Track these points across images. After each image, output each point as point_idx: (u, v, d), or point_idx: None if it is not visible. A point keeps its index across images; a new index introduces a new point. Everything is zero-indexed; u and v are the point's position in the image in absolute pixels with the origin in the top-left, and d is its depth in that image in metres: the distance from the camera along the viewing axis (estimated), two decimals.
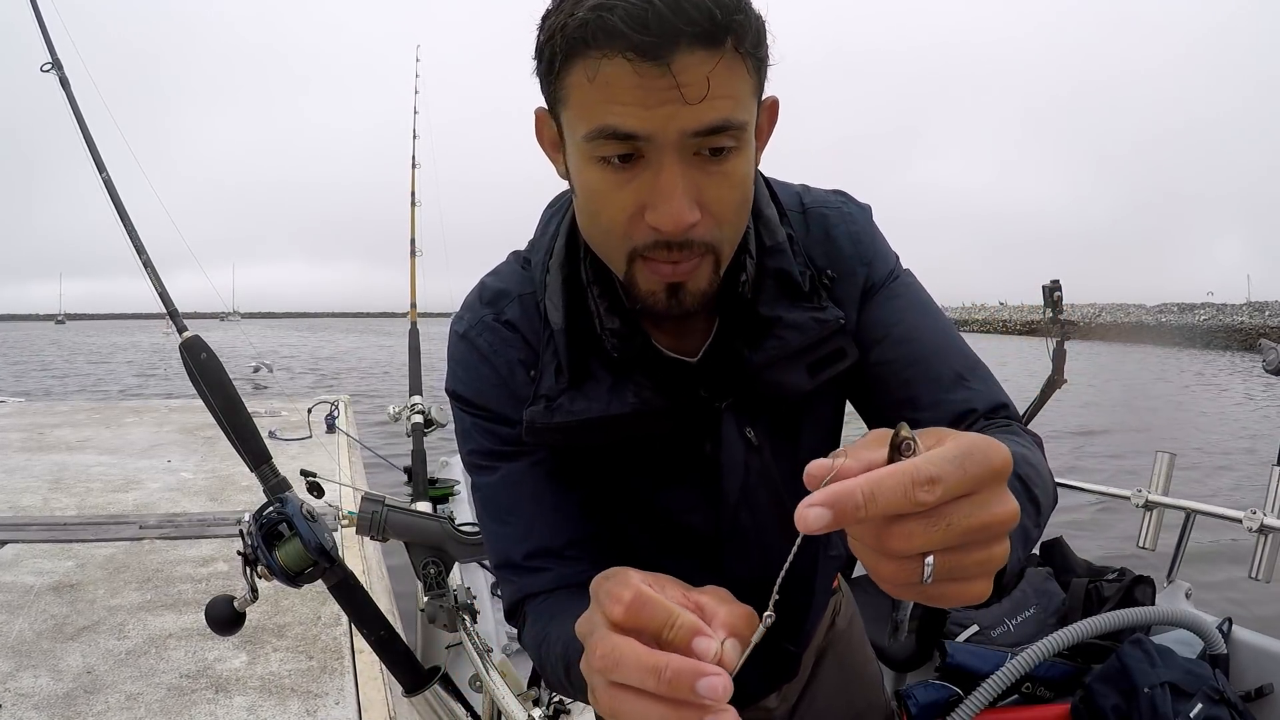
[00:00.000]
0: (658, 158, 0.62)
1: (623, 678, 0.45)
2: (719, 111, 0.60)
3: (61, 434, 7.13)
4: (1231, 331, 48.07)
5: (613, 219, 0.66)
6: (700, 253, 0.66)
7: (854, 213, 0.84)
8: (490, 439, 0.82)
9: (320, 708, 2.29)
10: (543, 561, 0.80)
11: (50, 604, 3.05)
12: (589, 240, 0.73)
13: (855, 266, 0.82)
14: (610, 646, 0.46)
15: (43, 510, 4.47)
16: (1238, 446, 10.73)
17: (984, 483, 0.41)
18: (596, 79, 0.60)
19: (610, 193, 0.64)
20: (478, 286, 0.86)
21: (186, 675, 2.47)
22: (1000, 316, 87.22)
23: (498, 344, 0.81)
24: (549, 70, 0.64)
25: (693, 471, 0.81)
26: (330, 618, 2.91)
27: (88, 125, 1.72)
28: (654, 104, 0.59)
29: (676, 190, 0.62)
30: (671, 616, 0.46)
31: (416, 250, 3.84)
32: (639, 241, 0.66)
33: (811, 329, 0.76)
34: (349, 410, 8.33)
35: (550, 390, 0.76)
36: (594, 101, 0.61)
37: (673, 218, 0.62)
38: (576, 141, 0.65)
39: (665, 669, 0.44)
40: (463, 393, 0.83)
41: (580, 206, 0.71)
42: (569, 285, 0.77)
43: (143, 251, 1.65)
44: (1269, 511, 1.78)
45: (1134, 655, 1.68)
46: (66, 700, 2.32)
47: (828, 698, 1.08)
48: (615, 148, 0.62)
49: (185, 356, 1.39)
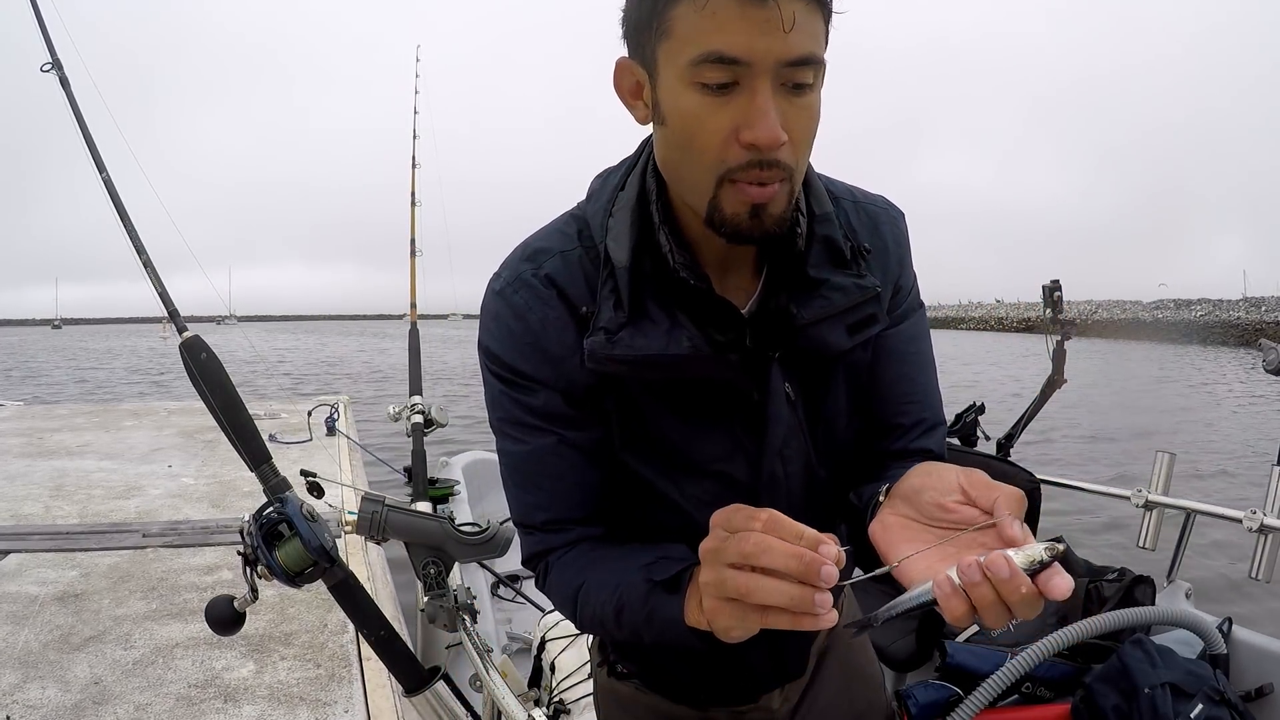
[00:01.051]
0: (752, 83, 0.69)
1: (770, 561, 0.61)
2: (806, 46, 0.69)
3: (61, 438, 7.12)
4: (1228, 327, 48.12)
5: (707, 142, 0.72)
6: (781, 176, 0.73)
7: (897, 218, 0.93)
8: (518, 408, 0.86)
9: (330, 716, 2.29)
10: (563, 525, 0.88)
11: (55, 614, 3.05)
12: (674, 171, 0.79)
13: (891, 263, 0.90)
14: (762, 538, 0.62)
15: (45, 518, 4.46)
16: (1237, 447, 10.74)
17: None
18: (705, 9, 0.68)
19: (707, 116, 0.71)
20: (520, 245, 0.89)
21: (195, 685, 2.47)
22: (997, 314, 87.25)
23: (533, 301, 0.84)
24: (654, 6, 0.72)
25: (735, 420, 0.86)
26: (336, 625, 2.92)
27: (88, 126, 1.72)
28: (756, 32, 0.67)
29: (771, 110, 0.69)
30: (801, 529, 0.62)
31: (416, 250, 3.83)
32: (732, 163, 0.72)
33: (854, 292, 0.83)
34: (348, 412, 8.32)
35: (609, 323, 0.80)
36: (702, 29, 0.69)
37: (769, 133, 0.69)
38: (679, 69, 0.71)
39: (804, 554, 0.60)
40: (494, 349, 0.86)
41: (670, 137, 0.76)
42: (636, 227, 0.82)
43: (143, 252, 1.64)
44: (1269, 511, 1.79)
45: (1135, 655, 1.69)
46: (75, 711, 2.32)
47: (829, 698, 1.09)
48: (718, 73, 0.69)
49: (185, 356, 1.39)
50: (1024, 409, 2.73)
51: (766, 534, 0.62)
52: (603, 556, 0.86)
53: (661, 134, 0.78)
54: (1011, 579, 0.58)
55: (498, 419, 0.88)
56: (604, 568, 0.84)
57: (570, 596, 0.86)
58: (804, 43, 0.69)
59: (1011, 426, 2.70)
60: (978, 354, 33.81)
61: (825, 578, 0.59)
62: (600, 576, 0.84)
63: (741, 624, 0.65)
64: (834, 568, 0.59)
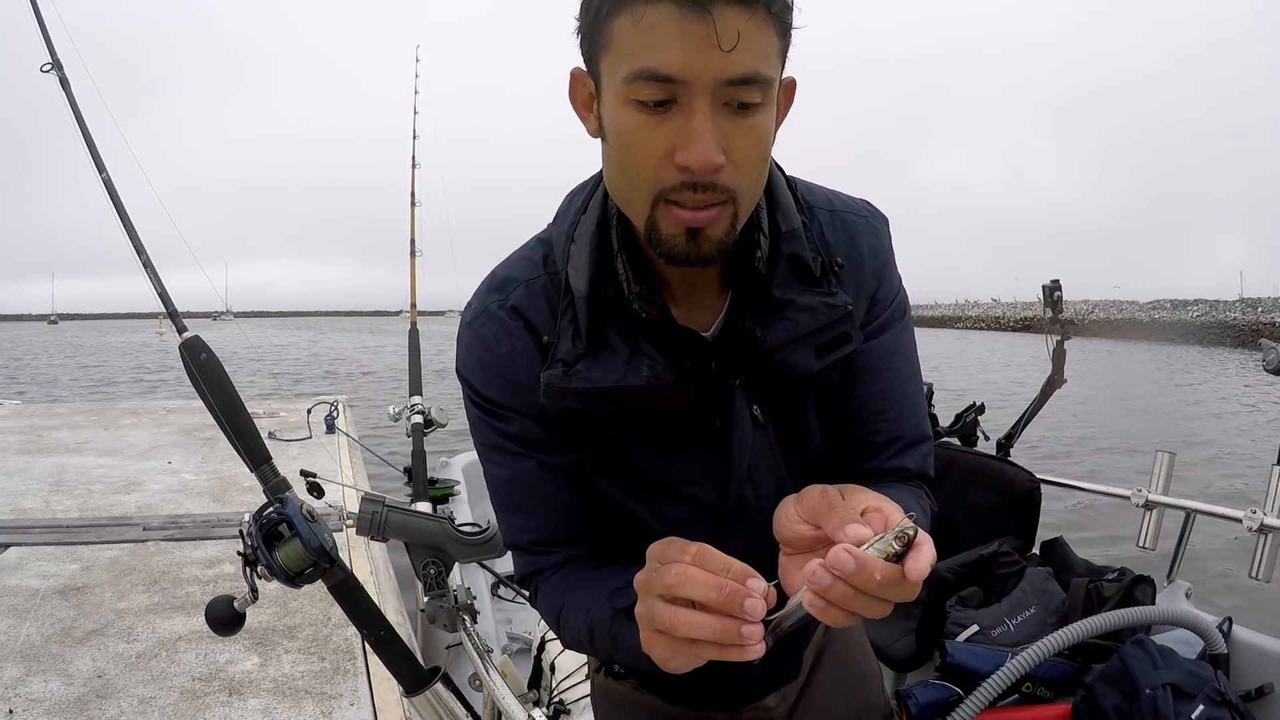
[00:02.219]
0: (690, 102, 0.66)
1: (690, 592, 0.61)
2: (750, 64, 0.66)
3: (60, 436, 7.11)
4: (1224, 328, 48.19)
5: (642, 161, 0.70)
6: (721, 200, 0.70)
7: (878, 226, 0.89)
8: (497, 435, 0.86)
9: (335, 709, 2.30)
10: (548, 547, 0.89)
11: (57, 607, 3.05)
12: (614, 190, 0.77)
13: (867, 275, 0.87)
14: (683, 569, 0.62)
15: (45, 512, 4.45)
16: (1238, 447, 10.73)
17: None
18: (642, 23, 0.65)
19: (643, 134, 0.69)
20: (488, 276, 0.89)
21: (199, 678, 2.47)
22: (994, 313, 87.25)
23: (500, 333, 0.84)
24: (595, 17, 0.70)
25: (701, 445, 0.85)
26: (340, 619, 2.90)
27: (88, 126, 1.72)
28: (693, 49, 0.64)
29: (707, 132, 0.66)
30: (729, 562, 0.63)
31: (416, 250, 3.83)
32: (666, 183, 0.69)
33: (822, 312, 0.80)
34: (348, 410, 8.31)
35: (567, 355, 0.79)
36: (638, 44, 0.66)
37: (702, 156, 0.66)
38: (615, 85, 0.69)
39: (725, 586, 0.60)
40: (469, 378, 0.87)
41: (610, 154, 0.74)
42: (596, 254, 0.81)
43: (143, 252, 1.64)
44: (1269, 511, 1.80)
45: (1136, 656, 1.69)
46: (78, 705, 2.32)
47: (827, 697, 1.08)
48: (653, 90, 0.67)
49: (185, 356, 1.39)
50: (1022, 409, 2.73)
51: (692, 566, 0.62)
52: (581, 580, 0.87)
53: (604, 151, 0.76)
54: (860, 570, 0.57)
55: (480, 443, 0.89)
56: (580, 592, 0.85)
57: (554, 618, 0.88)
58: (748, 61, 0.66)
59: (1011, 426, 2.70)
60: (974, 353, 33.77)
61: (749, 610, 0.59)
62: (576, 600, 0.85)
63: (675, 656, 0.65)
64: (759, 600, 0.59)
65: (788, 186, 0.85)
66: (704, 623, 0.60)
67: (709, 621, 0.60)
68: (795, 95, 0.78)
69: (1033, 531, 2.37)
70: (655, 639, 0.65)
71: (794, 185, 0.86)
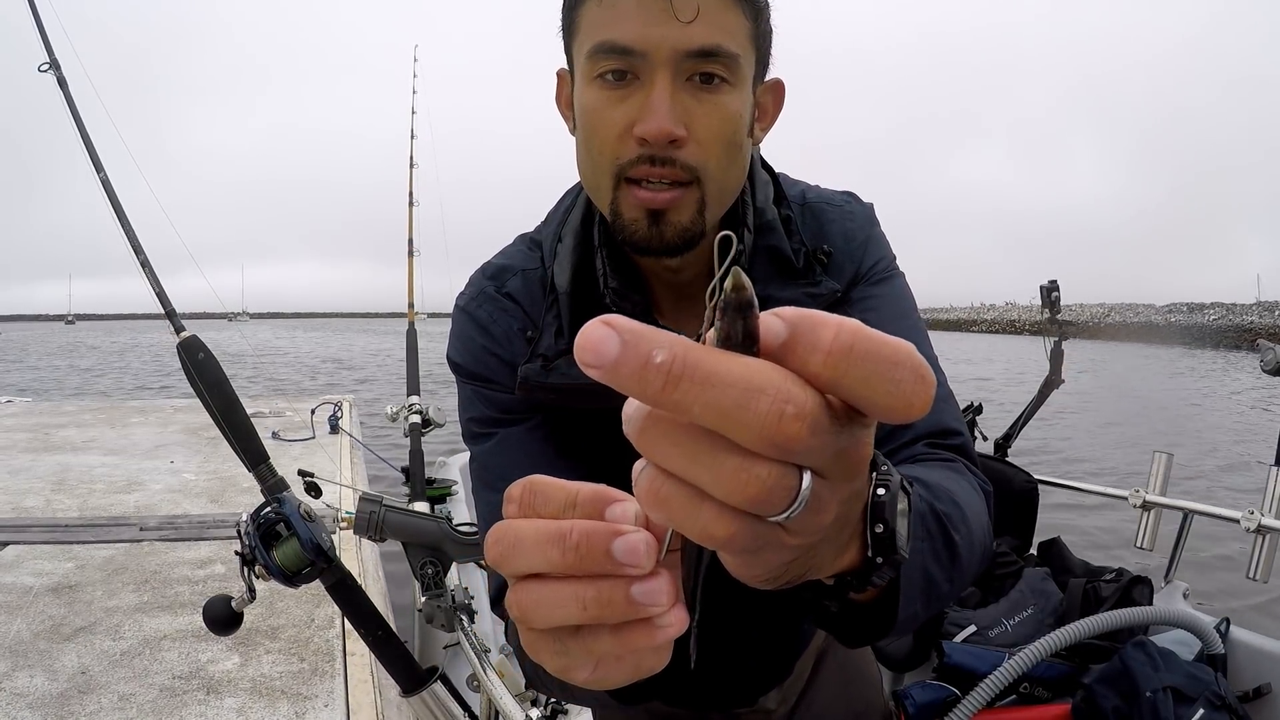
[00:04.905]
0: (650, 76, 0.67)
1: (524, 563, 0.34)
2: (710, 37, 0.66)
3: (67, 434, 7.16)
4: (1241, 331, 47.99)
5: (605, 137, 0.70)
6: (684, 179, 0.69)
7: (854, 212, 0.87)
8: (489, 406, 0.84)
9: (309, 710, 2.29)
10: None
11: (48, 605, 3.06)
12: (584, 178, 0.77)
13: (844, 262, 0.84)
14: (502, 530, 0.35)
15: (45, 512, 4.48)
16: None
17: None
18: (604, 2, 0.67)
19: (605, 110, 0.69)
20: (481, 266, 0.89)
21: (179, 676, 2.48)
22: (1009, 316, 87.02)
23: (496, 314, 0.83)
24: (569, 6, 0.71)
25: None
26: (324, 620, 2.91)
27: (86, 126, 1.73)
28: (651, 21, 0.65)
29: (664, 103, 0.66)
30: (571, 491, 0.35)
31: (414, 250, 3.85)
32: (625, 158, 0.69)
33: (804, 304, 0.76)
34: (353, 411, 8.33)
35: (549, 350, 0.78)
36: (601, 21, 0.68)
37: (657, 124, 0.66)
38: (582, 65, 0.70)
39: (570, 532, 0.33)
40: (459, 360, 0.85)
41: (579, 139, 0.74)
42: (579, 251, 0.80)
43: (140, 251, 1.65)
44: (1267, 512, 1.77)
45: (1137, 658, 1.68)
46: (60, 700, 2.33)
47: (826, 700, 1.07)
48: (612, 62, 0.68)
49: (183, 356, 1.39)
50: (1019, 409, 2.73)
51: (518, 518, 0.36)
52: None
53: (576, 140, 0.76)
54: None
55: (468, 419, 0.86)
56: None
57: (516, 640, 0.79)
58: (709, 34, 0.66)
59: (1009, 427, 2.70)
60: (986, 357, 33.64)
61: (624, 555, 0.32)
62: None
63: (566, 660, 0.36)
64: (638, 536, 0.32)
65: (774, 181, 0.84)
66: (560, 598, 0.33)
67: (569, 594, 0.33)
68: (784, 96, 0.78)
69: (1030, 532, 2.38)
70: (528, 640, 0.38)
71: (778, 180, 0.85)
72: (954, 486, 0.65)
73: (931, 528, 0.59)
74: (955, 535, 0.60)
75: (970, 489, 0.70)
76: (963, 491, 0.66)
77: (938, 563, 0.58)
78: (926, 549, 0.57)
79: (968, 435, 0.78)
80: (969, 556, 0.62)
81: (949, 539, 0.60)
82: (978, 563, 0.65)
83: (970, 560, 0.63)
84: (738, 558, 0.33)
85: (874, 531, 0.42)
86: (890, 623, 0.52)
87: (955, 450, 0.75)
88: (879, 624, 0.53)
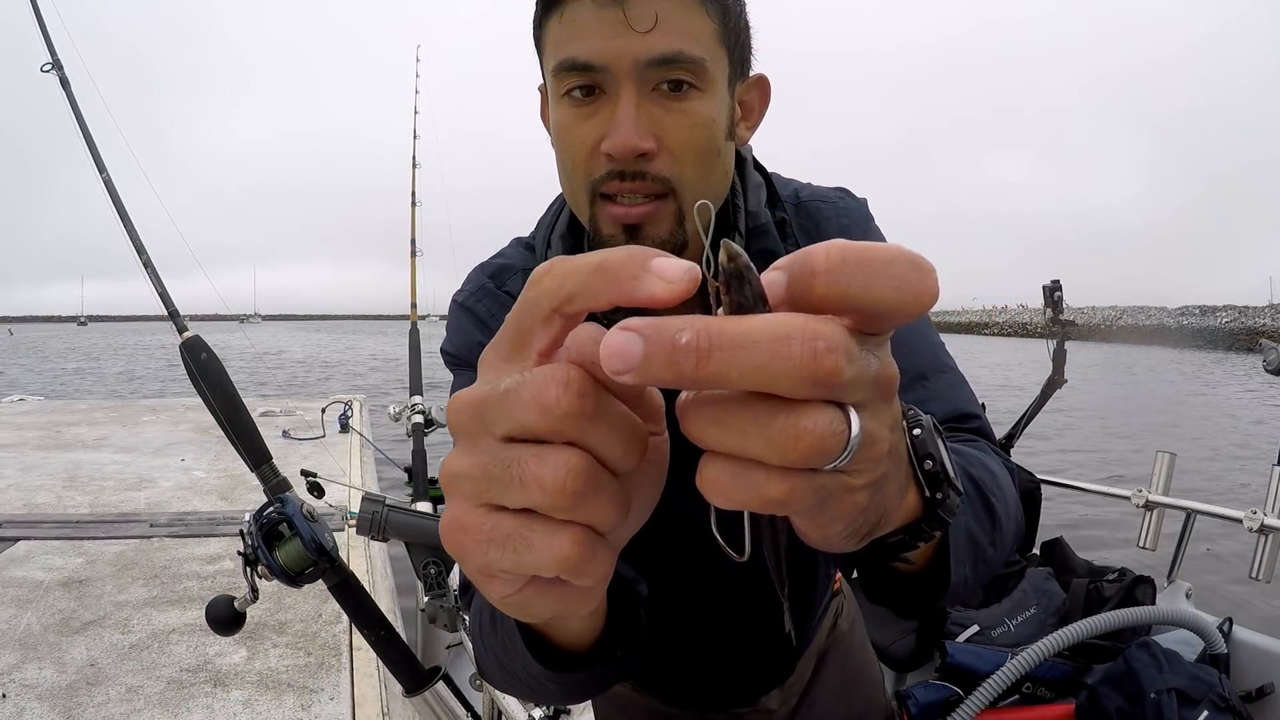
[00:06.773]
0: (615, 90, 0.66)
1: (509, 423, 0.30)
2: (670, 43, 0.65)
3: (78, 432, 7.22)
4: (1253, 334, 47.62)
5: (576, 155, 0.69)
6: (657, 192, 0.68)
7: (850, 207, 0.85)
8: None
9: (314, 703, 2.31)
10: None
11: (59, 599, 3.10)
12: (565, 194, 0.76)
13: None
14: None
15: (56, 508, 4.53)
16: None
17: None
18: (564, 18, 0.66)
19: (574, 127, 0.68)
20: (479, 265, 0.89)
21: (186, 669, 2.50)
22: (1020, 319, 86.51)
23: (496, 309, 0.83)
24: (536, 25, 0.70)
25: (680, 458, 0.80)
26: (331, 615, 2.94)
27: (89, 126, 1.74)
28: (608, 35, 0.64)
29: (629, 118, 0.65)
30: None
31: (417, 250, 3.86)
32: (596, 174, 0.68)
33: None
34: (364, 410, 8.36)
35: None
36: (561, 38, 0.67)
37: (621, 139, 0.65)
38: (550, 83, 0.69)
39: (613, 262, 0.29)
40: (454, 351, 0.85)
41: (556, 156, 0.74)
42: (569, 253, 0.79)
43: (143, 251, 1.65)
44: (1269, 511, 1.76)
45: (1141, 659, 1.66)
46: (69, 692, 2.36)
47: (828, 701, 1.07)
48: (575, 78, 0.67)
49: (185, 356, 1.40)
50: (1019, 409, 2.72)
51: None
52: None
53: (555, 155, 0.75)
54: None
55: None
56: None
57: (475, 628, 0.67)
58: (670, 41, 0.64)
59: (1012, 426, 2.68)
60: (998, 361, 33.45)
61: (658, 269, 0.28)
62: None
63: (532, 606, 0.33)
64: (676, 268, 0.27)
65: (767, 183, 0.83)
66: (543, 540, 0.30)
67: (543, 537, 0.30)
68: (770, 93, 0.77)
69: (1033, 531, 2.36)
70: (482, 585, 0.33)
71: (771, 181, 0.84)
72: (984, 457, 0.66)
73: (969, 490, 0.58)
74: (992, 499, 0.61)
75: (999, 462, 0.69)
76: (992, 462, 0.67)
77: (979, 525, 0.59)
78: (968, 510, 0.58)
79: (985, 418, 0.77)
80: (1007, 522, 0.62)
81: (987, 502, 0.60)
82: (1014, 532, 0.65)
83: (1008, 526, 0.63)
84: (811, 519, 0.32)
85: (924, 469, 0.44)
86: (943, 586, 0.53)
87: (974, 433, 0.75)
88: (934, 588, 0.54)
